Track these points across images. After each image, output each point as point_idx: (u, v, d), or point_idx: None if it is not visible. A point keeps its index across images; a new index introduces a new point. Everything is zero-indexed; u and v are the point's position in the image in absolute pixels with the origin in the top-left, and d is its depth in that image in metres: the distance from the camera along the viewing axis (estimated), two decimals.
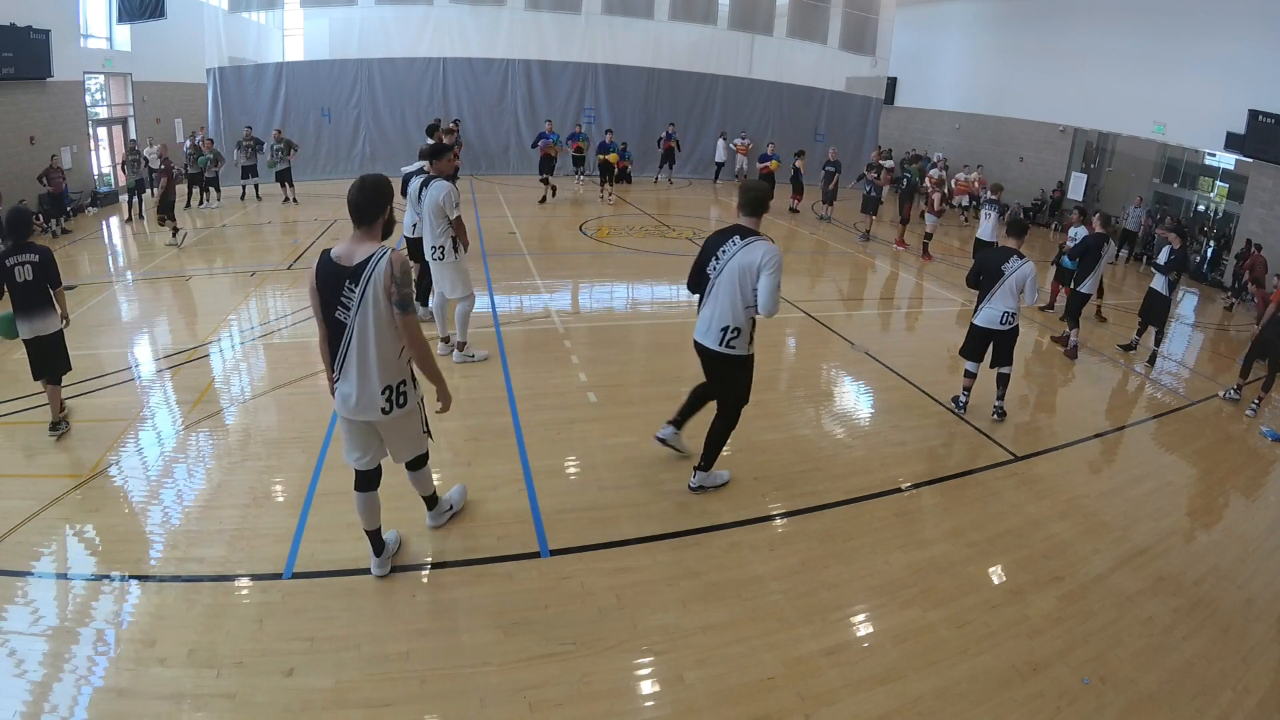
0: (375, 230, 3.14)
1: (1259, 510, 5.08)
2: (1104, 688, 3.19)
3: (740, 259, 3.95)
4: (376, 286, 3.02)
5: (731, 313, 4.02)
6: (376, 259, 3.04)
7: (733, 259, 3.96)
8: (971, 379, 5.93)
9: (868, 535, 4.21)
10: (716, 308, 4.07)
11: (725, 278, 3.99)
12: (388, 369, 3.16)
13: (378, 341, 3.09)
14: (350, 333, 3.08)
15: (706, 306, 4.15)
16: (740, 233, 4.02)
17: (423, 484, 3.80)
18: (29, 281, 4.82)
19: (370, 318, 3.05)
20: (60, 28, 12.61)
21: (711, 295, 4.09)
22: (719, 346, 4.10)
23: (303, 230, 11.69)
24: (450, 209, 5.68)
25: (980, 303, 5.71)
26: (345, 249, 3.10)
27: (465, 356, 6.27)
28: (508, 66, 17.31)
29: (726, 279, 3.98)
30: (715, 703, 2.97)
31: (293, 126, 15.44)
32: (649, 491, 4.50)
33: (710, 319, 4.11)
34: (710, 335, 4.12)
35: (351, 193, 3.08)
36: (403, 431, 3.39)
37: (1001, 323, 5.61)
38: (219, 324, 7.28)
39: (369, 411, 3.20)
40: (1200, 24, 13.20)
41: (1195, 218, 14.64)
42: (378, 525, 3.56)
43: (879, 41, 19.40)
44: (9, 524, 3.88)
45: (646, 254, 10.90)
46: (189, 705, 2.82)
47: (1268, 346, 6.70)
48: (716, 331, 4.08)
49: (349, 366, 3.13)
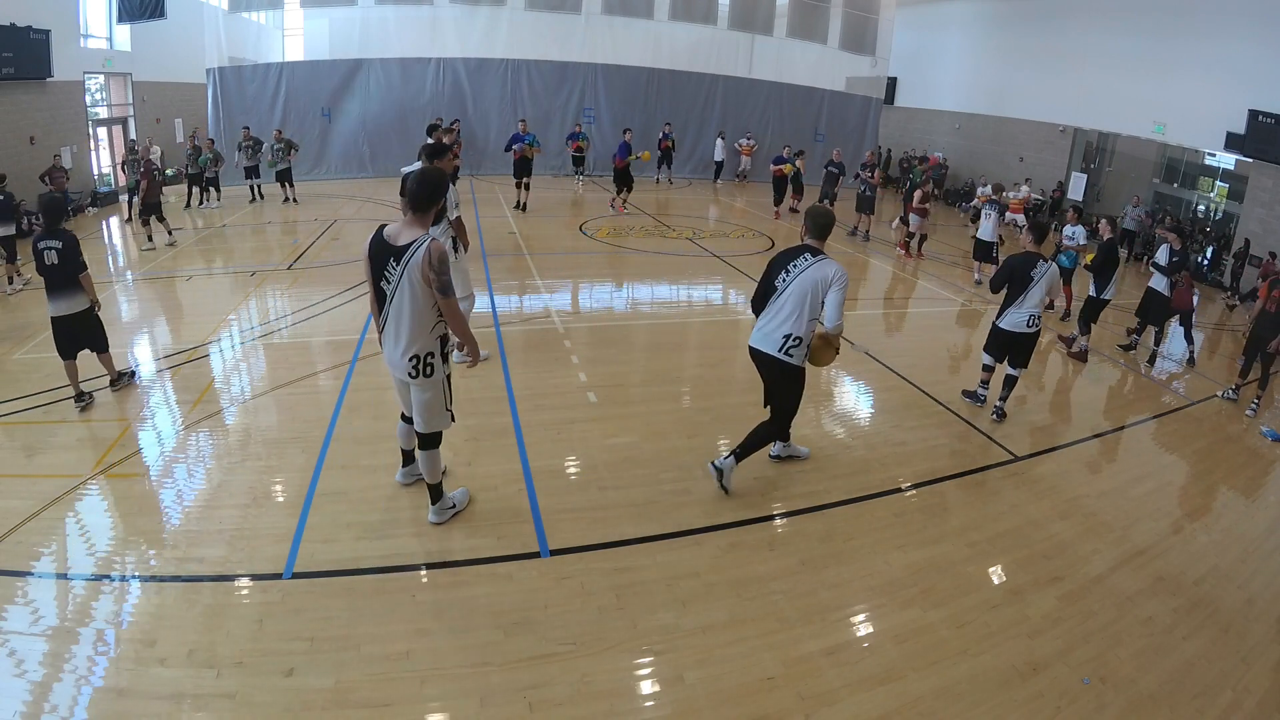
0: (425, 218, 3.51)
1: (1259, 510, 5.08)
2: (1104, 688, 3.19)
3: (813, 273, 4.21)
4: (414, 270, 3.38)
5: (796, 322, 4.22)
6: (418, 245, 3.39)
7: (805, 273, 4.22)
8: (990, 373, 6.01)
9: (868, 535, 4.21)
10: (781, 316, 4.27)
11: (795, 289, 4.22)
12: (416, 339, 3.55)
13: (411, 315, 3.49)
14: (389, 302, 3.51)
15: (768, 316, 4.34)
16: (810, 251, 4.30)
17: (430, 469, 3.92)
18: (55, 265, 5.32)
19: (406, 294, 3.44)
20: (60, 28, 12.61)
21: (776, 305, 4.29)
22: (778, 353, 4.28)
23: (302, 230, 11.68)
24: (450, 209, 5.68)
25: (1007, 307, 5.73)
26: (396, 229, 3.48)
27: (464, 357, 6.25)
28: (508, 66, 17.30)
29: (797, 290, 4.22)
30: (715, 703, 2.97)
31: (293, 126, 15.43)
32: (649, 491, 4.50)
33: (772, 327, 4.30)
34: (770, 342, 4.30)
35: (410, 182, 3.49)
36: (425, 401, 3.74)
37: (1028, 325, 5.69)
38: (219, 324, 7.28)
39: (399, 371, 3.65)
40: (1200, 24, 13.20)
41: (1195, 218, 14.64)
42: (412, 447, 4.13)
43: (879, 41, 19.41)
44: (9, 524, 3.88)
45: (646, 254, 10.90)
46: (189, 705, 2.82)
47: (1261, 344, 6.70)
48: (779, 339, 4.26)
49: (387, 330, 3.61)
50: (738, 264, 10.53)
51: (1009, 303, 5.71)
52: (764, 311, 4.37)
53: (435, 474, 3.95)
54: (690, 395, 6.08)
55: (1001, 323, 5.77)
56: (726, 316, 8.72)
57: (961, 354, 7.72)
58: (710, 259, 10.84)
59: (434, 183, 3.51)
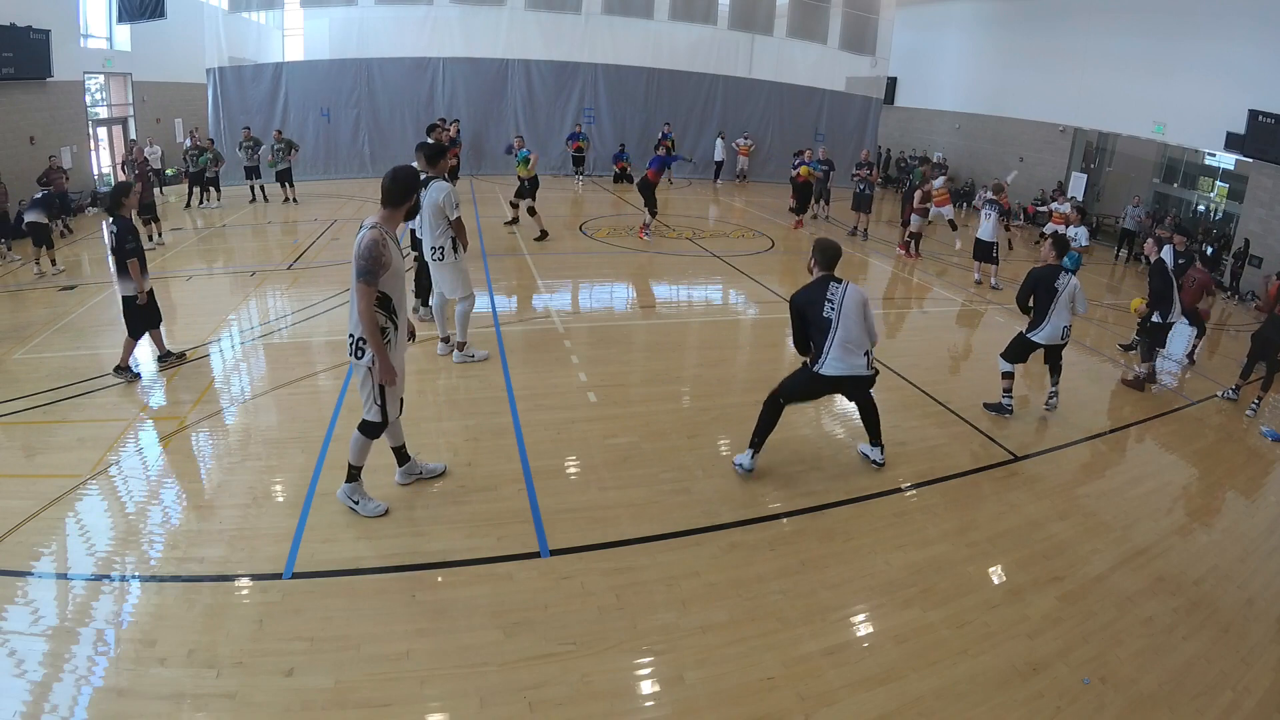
0: (395, 214, 3.68)
1: (1259, 510, 5.07)
2: (1104, 688, 3.18)
3: (854, 295, 4.52)
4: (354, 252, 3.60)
5: (865, 338, 4.53)
6: (361, 231, 3.59)
7: (848, 297, 4.49)
8: (1012, 379, 6.05)
9: (868, 535, 4.21)
10: (850, 339, 4.47)
11: (850, 313, 4.47)
12: (353, 321, 3.70)
13: (351, 296, 3.68)
14: None
15: (836, 346, 4.47)
16: (834, 279, 4.59)
17: (353, 449, 3.96)
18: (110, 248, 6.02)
19: (352, 275, 3.63)
20: (60, 28, 12.61)
21: (837, 332, 4.46)
22: (869, 370, 4.57)
23: (302, 230, 11.68)
24: (450, 209, 5.68)
25: (1041, 322, 5.83)
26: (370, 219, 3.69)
27: (465, 356, 6.27)
28: (508, 66, 17.31)
29: (853, 313, 4.48)
30: (715, 703, 2.97)
31: (292, 126, 15.46)
32: (649, 491, 4.50)
33: (848, 351, 4.48)
34: (858, 364, 4.52)
35: (384, 178, 3.66)
36: (359, 383, 3.83)
37: (1062, 337, 5.87)
38: (219, 324, 7.28)
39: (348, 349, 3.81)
40: (1200, 24, 13.20)
41: (1195, 218, 14.64)
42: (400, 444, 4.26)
43: (879, 41, 19.41)
44: (9, 524, 3.88)
45: (647, 254, 10.90)
46: (189, 705, 2.82)
47: (1267, 345, 6.70)
48: (861, 357, 4.52)
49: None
50: (738, 264, 10.53)
51: (1040, 316, 5.83)
52: (827, 345, 4.48)
53: (355, 456, 3.97)
54: (690, 395, 6.08)
55: (1038, 337, 5.87)
56: (726, 316, 8.72)
57: (961, 354, 7.72)
58: (710, 259, 10.84)
59: (400, 179, 3.65)
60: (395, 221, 3.70)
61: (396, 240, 3.71)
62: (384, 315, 3.67)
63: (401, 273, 3.73)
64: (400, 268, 3.72)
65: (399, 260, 3.70)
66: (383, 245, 3.54)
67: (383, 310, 3.66)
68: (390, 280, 3.64)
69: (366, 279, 3.54)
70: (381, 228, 3.60)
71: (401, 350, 3.90)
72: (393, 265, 3.63)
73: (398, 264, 3.68)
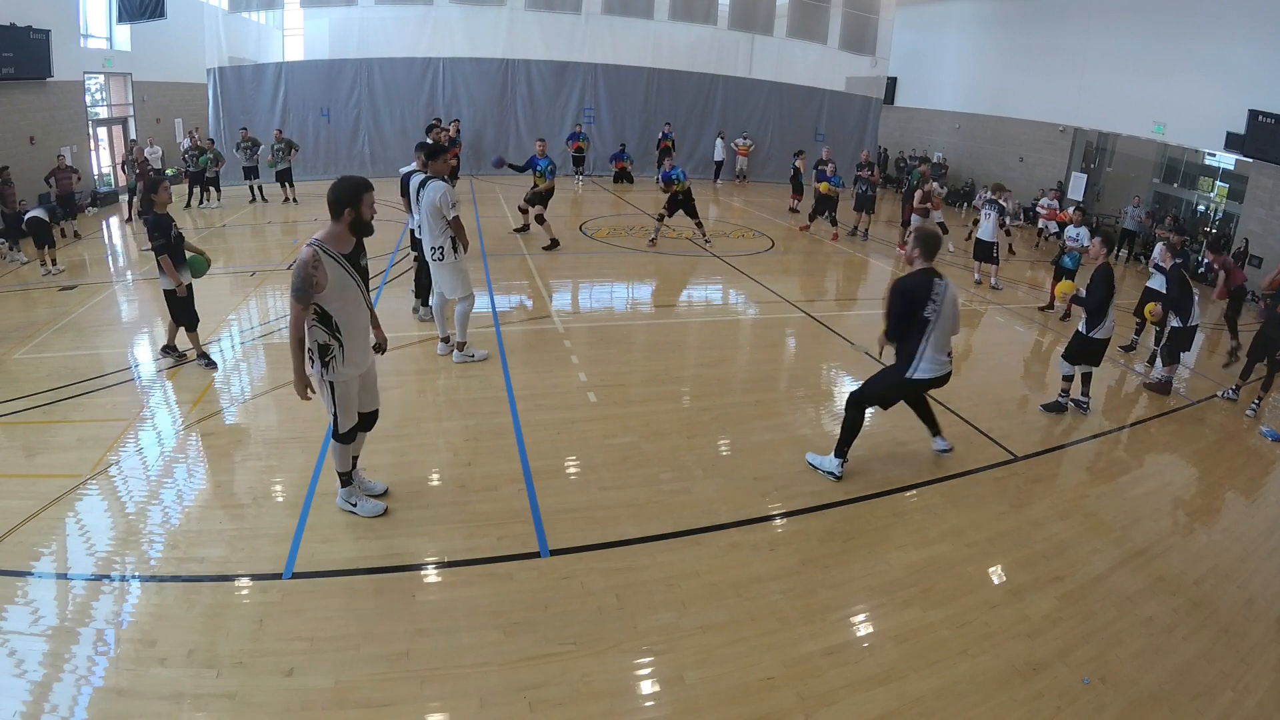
0: (338, 228, 3.61)
1: (1259, 510, 5.07)
2: (1104, 688, 3.18)
3: (954, 294, 4.56)
4: None
5: (950, 337, 4.60)
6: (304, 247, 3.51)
7: (948, 296, 4.49)
8: (1070, 381, 6.15)
9: (868, 535, 4.21)
10: (942, 340, 4.50)
11: (948, 313, 4.49)
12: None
13: None
14: None
15: (930, 348, 4.47)
16: (937, 273, 4.51)
17: (333, 457, 4.02)
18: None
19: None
20: (60, 28, 12.60)
21: (934, 334, 4.45)
22: (950, 366, 4.62)
23: (302, 230, 11.68)
24: (447, 209, 5.67)
25: (1101, 318, 5.91)
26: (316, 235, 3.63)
27: (465, 356, 6.27)
28: (508, 66, 17.31)
29: (950, 313, 4.50)
30: (715, 703, 2.97)
31: (292, 126, 15.45)
32: (649, 491, 4.50)
33: (938, 351, 4.50)
34: (944, 362, 4.56)
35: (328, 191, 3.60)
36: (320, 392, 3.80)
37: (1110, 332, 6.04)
38: (219, 324, 7.28)
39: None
40: (1200, 24, 13.19)
41: (1195, 218, 14.64)
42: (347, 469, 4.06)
43: (879, 41, 19.41)
44: (9, 524, 3.88)
45: (646, 254, 10.90)
46: (189, 705, 2.82)
47: (1269, 344, 6.70)
48: (946, 355, 4.57)
49: None
50: (738, 264, 10.53)
51: (1104, 313, 5.90)
52: (922, 347, 4.46)
53: (337, 463, 4.01)
54: (690, 395, 6.08)
55: (1098, 334, 5.94)
56: (726, 316, 8.72)
57: (961, 354, 7.71)
58: (710, 259, 10.84)
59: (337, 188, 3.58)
60: (341, 237, 3.58)
61: (340, 256, 3.55)
62: (325, 331, 3.59)
63: (349, 287, 3.58)
64: (344, 282, 3.55)
65: (341, 276, 3.54)
66: (313, 265, 3.42)
67: (323, 326, 3.58)
68: (331, 297, 3.52)
69: (296, 295, 3.47)
70: (320, 245, 3.48)
71: (357, 365, 3.76)
72: (330, 283, 3.48)
73: (338, 280, 3.52)
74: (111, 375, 5.95)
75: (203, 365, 6.12)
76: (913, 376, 4.52)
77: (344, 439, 3.89)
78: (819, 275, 10.90)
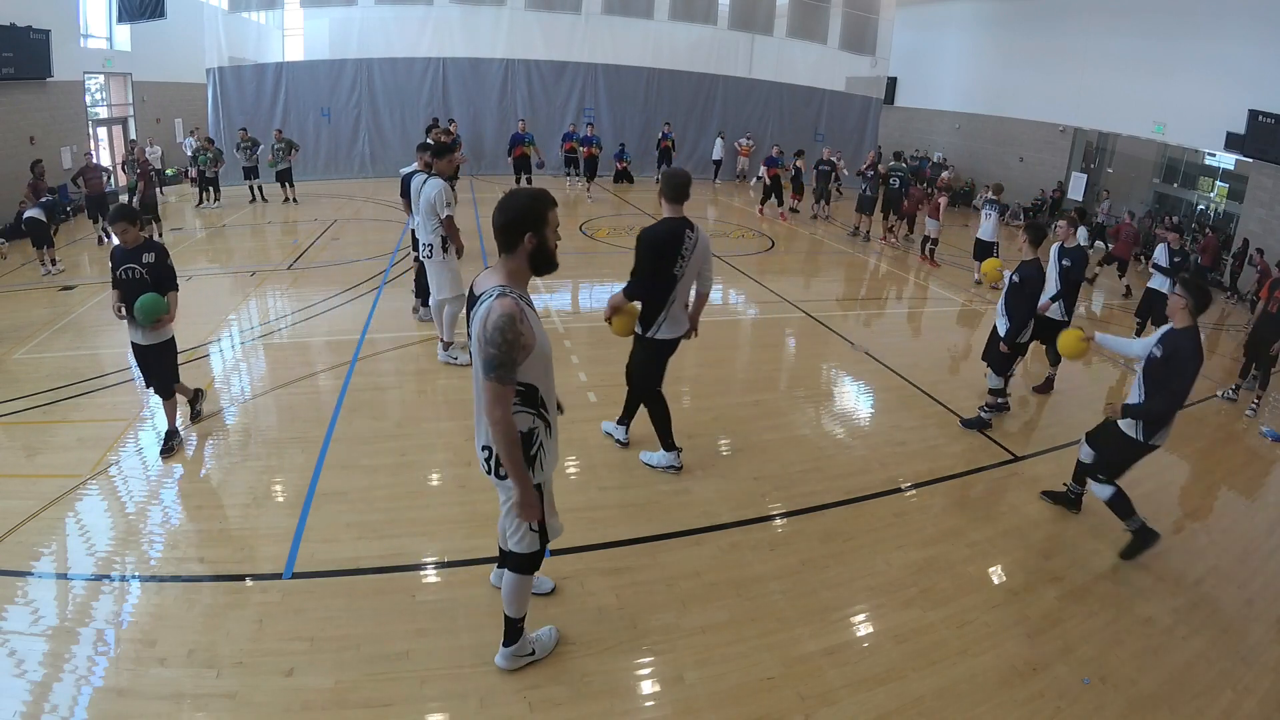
0: (512, 259, 2.55)
1: (1259, 510, 5.08)
2: (1104, 688, 3.19)
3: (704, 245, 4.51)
4: (478, 329, 2.47)
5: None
6: (486, 298, 2.49)
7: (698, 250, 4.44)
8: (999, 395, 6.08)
9: (868, 535, 4.21)
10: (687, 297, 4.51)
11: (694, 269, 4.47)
12: (483, 429, 2.65)
13: (478, 392, 2.58)
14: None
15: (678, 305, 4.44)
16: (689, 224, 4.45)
17: (509, 596, 2.90)
18: None
19: (476, 364, 2.54)
20: (60, 28, 12.61)
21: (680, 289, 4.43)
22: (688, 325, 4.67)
23: (302, 231, 11.68)
24: (441, 207, 5.64)
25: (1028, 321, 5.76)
26: (485, 275, 2.62)
27: (449, 357, 6.22)
28: (508, 66, 17.30)
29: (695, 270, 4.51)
30: (715, 703, 2.97)
31: (292, 126, 15.44)
32: (649, 491, 4.50)
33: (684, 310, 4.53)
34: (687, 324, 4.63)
35: (494, 214, 2.54)
36: (505, 507, 2.77)
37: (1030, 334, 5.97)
38: (219, 324, 7.28)
39: (481, 465, 2.75)
40: (1200, 24, 13.20)
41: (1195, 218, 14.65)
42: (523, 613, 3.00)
43: (879, 41, 19.40)
44: (9, 524, 3.89)
45: None
46: (189, 705, 2.82)
47: (1262, 343, 6.70)
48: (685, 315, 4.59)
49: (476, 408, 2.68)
50: (738, 264, 10.52)
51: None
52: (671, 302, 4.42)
53: (513, 605, 2.92)
54: (690, 395, 6.08)
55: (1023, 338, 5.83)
56: (726, 316, 8.72)
57: (962, 354, 7.72)
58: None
59: (513, 207, 2.51)
60: (521, 275, 2.57)
61: (533, 306, 2.59)
62: (530, 414, 2.62)
63: (548, 350, 2.62)
64: (546, 345, 2.59)
65: (543, 336, 2.58)
66: (520, 321, 2.43)
67: (527, 407, 2.60)
68: (535, 362, 2.54)
69: (499, 374, 2.42)
70: (513, 292, 2.49)
71: (554, 457, 2.79)
72: (537, 344, 2.52)
73: (542, 338, 2.57)
74: (111, 375, 5.95)
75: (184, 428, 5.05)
76: (655, 336, 4.32)
77: (533, 565, 2.86)
78: (817, 274, 10.89)
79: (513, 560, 2.82)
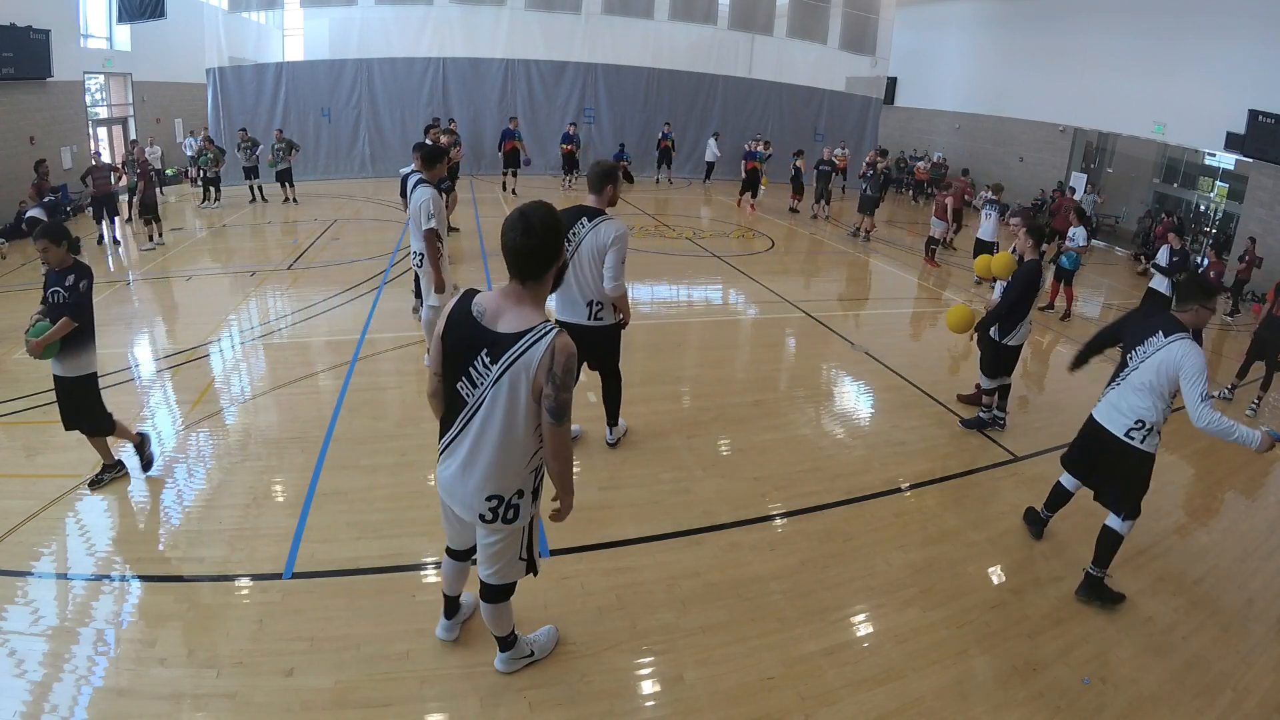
0: (540, 289, 2.33)
1: (1259, 510, 5.08)
2: (1104, 688, 3.19)
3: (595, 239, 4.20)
4: (523, 375, 2.26)
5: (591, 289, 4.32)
6: (534, 338, 2.24)
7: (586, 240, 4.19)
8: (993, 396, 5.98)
9: (868, 535, 4.21)
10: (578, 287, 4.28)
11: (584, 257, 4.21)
12: (504, 477, 2.44)
13: (503, 442, 2.37)
14: (472, 416, 2.37)
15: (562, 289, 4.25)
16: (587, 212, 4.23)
17: (496, 621, 2.87)
18: None
19: (501, 409, 2.32)
20: (60, 28, 12.61)
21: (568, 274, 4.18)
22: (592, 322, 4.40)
23: (302, 231, 11.68)
24: (424, 219, 5.49)
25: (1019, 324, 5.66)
26: (494, 305, 2.33)
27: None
28: (508, 66, 17.30)
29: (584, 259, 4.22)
30: (715, 703, 2.97)
31: (292, 126, 15.45)
32: (649, 491, 4.50)
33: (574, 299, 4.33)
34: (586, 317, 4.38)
35: (513, 234, 2.22)
36: (494, 548, 2.63)
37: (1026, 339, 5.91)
38: (219, 324, 7.28)
39: (467, 513, 2.55)
40: (1200, 24, 13.21)
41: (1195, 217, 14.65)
42: (457, 593, 3.11)
43: (879, 41, 19.42)
44: (9, 524, 3.88)
45: (646, 254, 10.89)
46: (189, 705, 2.82)
47: (1265, 345, 6.70)
48: (586, 307, 4.34)
49: (457, 452, 2.45)
50: (738, 264, 10.53)
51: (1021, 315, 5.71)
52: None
53: (500, 626, 2.92)
54: (690, 395, 6.08)
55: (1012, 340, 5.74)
56: (727, 316, 8.72)
57: (962, 354, 7.71)
58: (710, 259, 10.84)
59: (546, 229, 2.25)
60: (541, 304, 2.37)
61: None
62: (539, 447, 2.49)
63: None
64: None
65: None
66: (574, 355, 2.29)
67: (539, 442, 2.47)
68: None
69: (564, 419, 2.31)
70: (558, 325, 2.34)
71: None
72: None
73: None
74: (111, 375, 5.94)
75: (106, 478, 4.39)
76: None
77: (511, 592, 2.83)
78: (817, 275, 10.89)
79: (494, 591, 2.75)
